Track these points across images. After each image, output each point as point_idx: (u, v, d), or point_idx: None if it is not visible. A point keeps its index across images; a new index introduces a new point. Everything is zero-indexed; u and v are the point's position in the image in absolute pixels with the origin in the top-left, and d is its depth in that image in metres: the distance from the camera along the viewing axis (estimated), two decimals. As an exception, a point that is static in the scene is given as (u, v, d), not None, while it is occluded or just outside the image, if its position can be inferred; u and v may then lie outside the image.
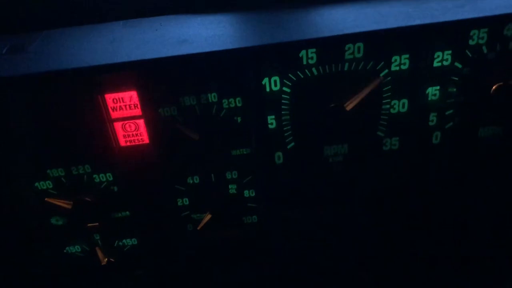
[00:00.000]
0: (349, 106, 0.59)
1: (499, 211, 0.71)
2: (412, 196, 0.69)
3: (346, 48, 0.56)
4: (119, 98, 0.58)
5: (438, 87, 0.60)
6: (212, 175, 0.65)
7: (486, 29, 0.56)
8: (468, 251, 0.73)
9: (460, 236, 0.73)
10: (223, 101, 0.59)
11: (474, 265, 0.73)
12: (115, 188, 0.65)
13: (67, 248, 0.69)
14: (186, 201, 0.67)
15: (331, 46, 0.56)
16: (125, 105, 0.58)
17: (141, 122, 0.60)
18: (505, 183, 0.68)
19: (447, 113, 0.62)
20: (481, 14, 0.55)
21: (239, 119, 0.61)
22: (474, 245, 0.73)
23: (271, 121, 0.61)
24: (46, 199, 0.63)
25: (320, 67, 0.58)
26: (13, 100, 0.57)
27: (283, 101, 0.60)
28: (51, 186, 0.63)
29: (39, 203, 0.64)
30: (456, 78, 0.60)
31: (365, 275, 0.74)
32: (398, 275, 0.74)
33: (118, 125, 0.60)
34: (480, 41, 0.57)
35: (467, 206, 0.71)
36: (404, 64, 0.58)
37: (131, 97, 0.58)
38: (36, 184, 0.63)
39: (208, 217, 0.67)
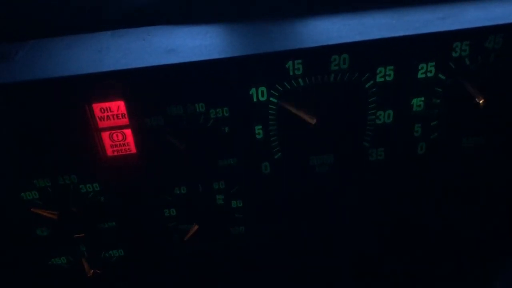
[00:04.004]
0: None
1: (483, 219, 0.72)
2: (397, 206, 0.70)
3: (332, 59, 0.57)
4: (106, 108, 0.58)
5: (422, 98, 0.61)
6: (199, 185, 0.65)
7: (468, 42, 0.57)
8: (453, 257, 0.74)
9: (446, 244, 0.74)
10: (211, 111, 0.59)
11: (461, 269, 0.73)
12: (102, 199, 0.64)
13: (52, 259, 0.68)
14: (173, 211, 0.67)
15: (317, 57, 0.57)
16: (113, 115, 0.58)
17: (128, 131, 0.60)
18: (488, 192, 0.69)
19: (431, 124, 0.63)
20: (462, 27, 0.56)
21: (226, 129, 0.61)
22: (458, 251, 0.73)
23: (258, 131, 0.61)
24: (31, 209, 0.63)
25: (306, 78, 0.58)
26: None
27: (270, 111, 0.60)
28: (37, 196, 0.63)
29: (24, 214, 0.63)
30: (440, 90, 0.61)
31: (352, 283, 0.73)
32: (385, 282, 0.74)
33: (105, 135, 0.60)
34: (463, 53, 0.58)
35: (451, 214, 0.71)
36: (389, 75, 0.59)
37: (118, 106, 0.58)
38: (22, 194, 0.62)
39: (195, 227, 0.67)
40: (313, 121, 0.59)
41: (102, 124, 0.59)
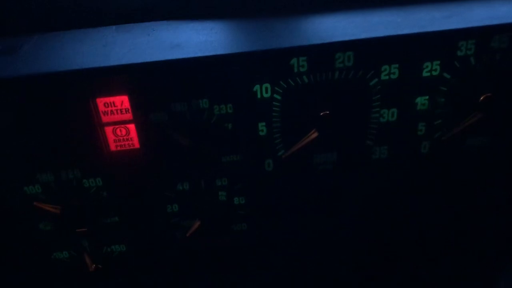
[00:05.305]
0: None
1: (486, 218, 0.71)
2: (400, 205, 0.69)
3: (337, 57, 0.57)
4: (110, 102, 0.58)
5: (427, 97, 0.61)
6: (202, 181, 0.65)
7: (473, 41, 0.57)
8: (455, 256, 0.74)
9: (448, 243, 0.73)
10: (214, 107, 0.59)
11: (463, 268, 0.73)
12: (105, 194, 0.64)
13: (54, 254, 0.69)
14: (175, 207, 0.67)
15: (322, 54, 0.57)
16: (116, 110, 0.58)
17: (132, 126, 0.60)
18: (492, 192, 0.69)
19: (435, 122, 0.63)
20: (468, 25, 0.56)
21: (230, 126, 0.61)
22: (461, 250, 0.73)
23: (262, 128, 0.61)
24: (34, 203, 0.63)
25: (311, 75, 0.58)
26: (3, 102, 0.57)
27: (274, 108, 0.60)
28: (40, 191, 0.63)
29: (27, 208, 0.63)
30: (445, 88, 0.60)
31: (354, 281, 0.73)
32: (387, 281, 0.74)
33: (109, 130, 0.60)
34: (468, 52, 0.58)
35: (454, 214, 0.71)
36: (394, 73, 0.59)
37: (122, 101, 0.58)
38: (25, 188, 0.62)
39: (197, 224, 0.67)
40: (316, 134, 0.60)
41: (105, 118, 0.59)
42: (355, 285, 0.76)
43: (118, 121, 0.59)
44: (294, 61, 0.57)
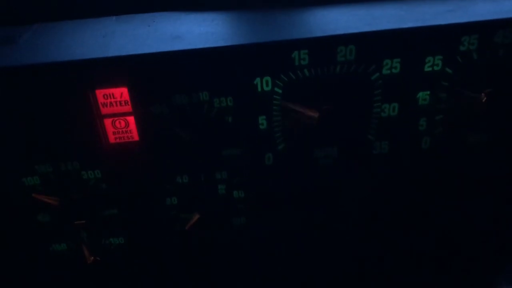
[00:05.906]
0: None
1: (487, 215, 0.71)
2: (400, 200, 0.69)
3: (338, 50, 0.56)
4: (109, 94, 0.57)
5: (428, 92, 0.60)
6: (202, 174, 0.65)
7: (477, 35, 0.57)
8: (455, 252, 0.74)
9: (449, 239, 0.73)
10: (215, 100, 0.59)
11: (463, 266, 0.73)
12: (103, 186, 0.64)
13: (52, 245, 0.68)
14: (174, 200, 0.66)
15: (323, 47, 0.56)
16: (116, 101, 0.58)
17: (131, 119, 0.59)
18: (493, 188, 0.69)
19: (437, 118, 0.62)
20: (471, 19, 0.56)
21: (230, 119, 0.60)
22: (461, 247, 0.73)
23: (262, 121, 0.61)
24: (33, 195, 0.63)
25: (312, 69, 0.58)
26: (2, 92, 0.57)
27: (274, 101, 0.60)
28: (38, 182, 0.63)
29: (25, 199, 0.63)
30: (447, 84, 0.60)
31: (354, 276, 0.73)
32: (386, 278, 0.74)
33: (108, 122, 0.59)
34: (471, 47, 0.58)
35: (455, 210, 0.71)
36: (395, 68, 0.58)
37: (121, 93, 0.57)
38: (23, 179, 0.62)
39: (196, 217, 0.67)
40: (316, 114, 0.59)
41: (105, 110, 0.58)
42: (354, 280, 0.76)
43: (118, 113, 0.59)
44: (295, 54, 0.56)
